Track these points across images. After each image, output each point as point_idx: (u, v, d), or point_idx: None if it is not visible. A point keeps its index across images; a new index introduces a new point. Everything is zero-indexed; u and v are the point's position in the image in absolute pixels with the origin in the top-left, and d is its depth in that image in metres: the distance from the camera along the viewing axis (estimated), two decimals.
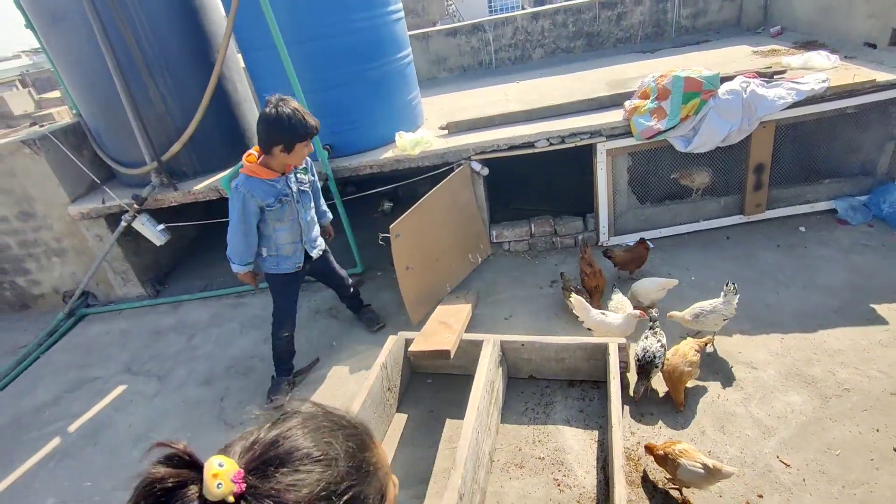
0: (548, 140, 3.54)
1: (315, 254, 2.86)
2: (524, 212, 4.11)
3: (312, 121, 2.37)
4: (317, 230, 2.88)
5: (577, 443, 2.39)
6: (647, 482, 2.17)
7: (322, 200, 3.00)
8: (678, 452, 1.97)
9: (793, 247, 3.48)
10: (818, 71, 3.53)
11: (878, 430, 2.19)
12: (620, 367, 2.43)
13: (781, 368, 2.57)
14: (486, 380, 2.39)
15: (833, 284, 3.07)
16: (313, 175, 2.82)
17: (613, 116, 3.54)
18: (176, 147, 3.59)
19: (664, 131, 3.36)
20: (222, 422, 2.95)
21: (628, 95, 3.71)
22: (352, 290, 3.32)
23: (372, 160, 3.64)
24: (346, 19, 3.44)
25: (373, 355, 3.08)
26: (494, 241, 3.98)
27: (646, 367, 2.44)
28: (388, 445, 2.56)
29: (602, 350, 2.55)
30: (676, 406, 2.43)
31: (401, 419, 2.71)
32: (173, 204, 3.84)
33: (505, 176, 4.76)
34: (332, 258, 3.10)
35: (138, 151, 3.73)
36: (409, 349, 2.63)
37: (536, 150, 3.57)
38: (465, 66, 5.69)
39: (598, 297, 3.18)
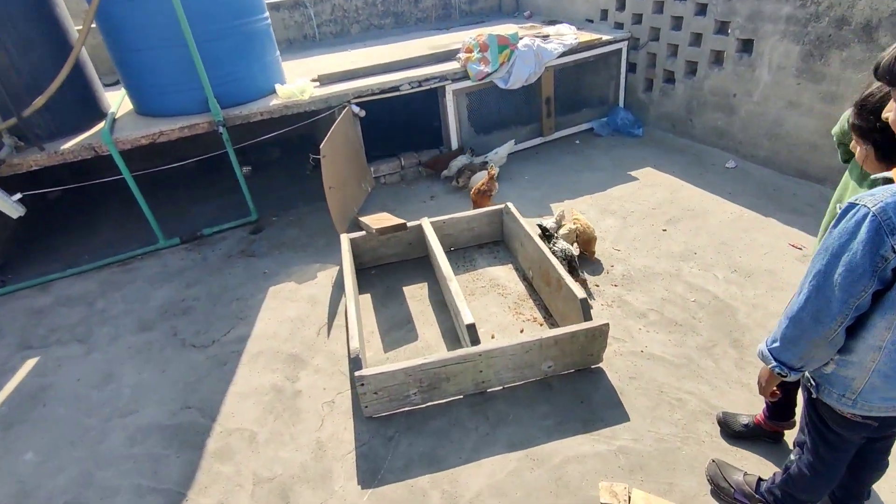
0: (409, 84, 4.42)
1: None
2: (393, 151, 4.92)
3: None
4: None
5: (502, 272, 3.40)
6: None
7: None
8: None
9: (576, 152, 5.14)
10: (568, 35, 5.24)
11: (654, 225, 3.76)
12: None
13: (598, 209, 4.03)
14: (433, 236, 3.20)
15: (604, 167, 4.75)
16: None
17: (452, 66, 4.62)
18: (40, 101, 3.30)
19: (490, 73, 4.59)
20: (191, 346, 3.04)
21: (454, 52, 4.84)
22: None
23: (263, 107, 3.97)
24: None
25: (307, 268, 3.59)
26: (373, 175, 4.69)
27: (570, 261, 3.07)
28: (365, 311, 3.15)
29: (498, 213, 3.60)
30: (589, 257, 3.46)
31: (366, 297, 3.30)
32: (33, 168, 3.48)
33: (373, 123, 5.47)
34: None
35: None
36: (375, 228, 3.23)
37: (401, 93, 4.42)
38: (291, 39, 6.11)
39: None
